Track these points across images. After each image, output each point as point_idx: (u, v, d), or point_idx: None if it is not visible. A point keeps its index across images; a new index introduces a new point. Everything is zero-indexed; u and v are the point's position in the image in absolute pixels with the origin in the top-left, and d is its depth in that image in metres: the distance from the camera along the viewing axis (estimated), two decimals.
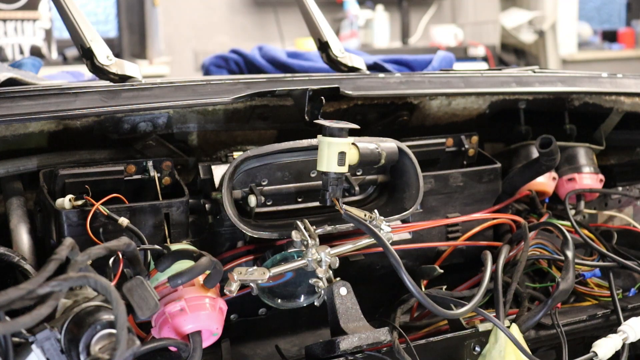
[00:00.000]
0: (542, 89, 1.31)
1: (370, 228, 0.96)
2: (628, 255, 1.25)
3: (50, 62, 3.90)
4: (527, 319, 1.05)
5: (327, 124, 0.92)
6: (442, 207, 1.18)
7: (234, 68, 2.18)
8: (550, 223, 1.18)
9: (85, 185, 0.96)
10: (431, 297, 0.96)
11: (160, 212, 0.97)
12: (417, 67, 1.89)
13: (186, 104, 1.04)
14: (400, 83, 1.20)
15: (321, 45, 1.41)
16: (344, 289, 0.96)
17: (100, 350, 0.74)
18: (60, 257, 0.71)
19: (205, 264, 0.85)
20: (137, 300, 0.77)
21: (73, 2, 1.17)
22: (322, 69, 1.82)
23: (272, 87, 1.08)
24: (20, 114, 0.93)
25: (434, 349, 1.01)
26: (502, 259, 1.10)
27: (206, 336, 0.87)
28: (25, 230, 0.96)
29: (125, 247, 0.81)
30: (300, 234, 0.96)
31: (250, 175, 1.03)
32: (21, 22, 3.90)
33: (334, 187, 0.95)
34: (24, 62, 1.66)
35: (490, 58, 4.88)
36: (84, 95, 0.98)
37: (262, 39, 4.70)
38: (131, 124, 1.04)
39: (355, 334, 0.91)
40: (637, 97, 1.40)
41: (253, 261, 1.02)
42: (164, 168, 1.02)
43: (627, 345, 1.06)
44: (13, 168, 0.98)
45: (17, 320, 0.65)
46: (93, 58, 1.13)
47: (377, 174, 1.11)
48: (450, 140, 1.21)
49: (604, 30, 6.59)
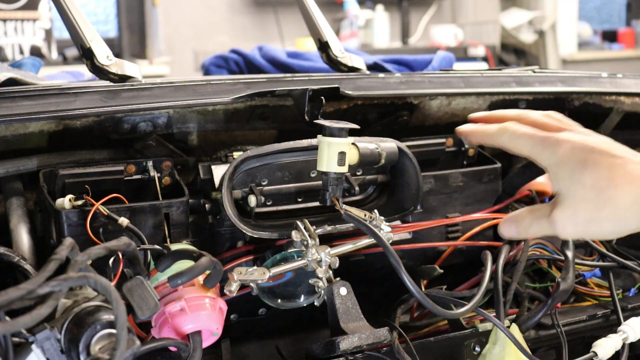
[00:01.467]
0: (542, 89, 1.31)
1: (370, 228, 0.96)
2: (628, 255, 1.25)
3: (50, 62, 3.91)
4: (527, 319, 1.05)
5: (327, 124, 0.92)
6: (442, 207, 1.18)
7: (234, 68, 2.18)
8: None
9: (85, 185, 0.95)
10: (431, 297, 0.96)
11: (160, 212, 0.97)
12: (417, 67, 1.89)
13: (186, 104, 1.04)
14: (400, 83, 1.20)
15: (321, 45, 1.41)
16: (344, 289, 0.96)
17: (100, 350, 0.74)
18: (60, 257, 0.71)
19: (205, 264, 0.85)
20: (137, 300, 0.77)
21: (73, 2, 1.17)
22: (322, 69, 1.82)
23: (272, 87, 1.08)
24: (20, 114, 0.93)
25: (434, 349, 1.01)
26: (502, 259, 1.10)
27: (206, 336, 0.87)
28: (25, 230, 0.96)
29: (125, 247, 0.81)
30: (300, 234, 0.96)
31: (250, 175, 1.03)
32: (21, 22, 3.90)
33: (334, 187, 0.95)
34: (24, 62, 1.66)
35: (490, 58, 4.88)
36: (84, 95, 0.98)
37: (262, 39, 4.70)
38: (131, 124, 1.04)
39: (355, 334, 0.91)
40: (637, 97, 1.40)
41: (253, 261, 1.02)
42: (164, 168, 1.02)
43: (627, 345, 1.06)
44: (13, 168, 0.98)
45: (17, 320, 0.65)
46: (93, 58, 1.13)
47: (377, 174, 1.11)
48: (450, 140, 1.21)
49: (604, 30, 6.59)
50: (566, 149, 0.79)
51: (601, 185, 0.77)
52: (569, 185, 0.79)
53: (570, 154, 0.79)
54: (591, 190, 0.77)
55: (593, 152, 0.79)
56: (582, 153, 0.79)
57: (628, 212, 0.77)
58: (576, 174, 0.78)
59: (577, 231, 0.80)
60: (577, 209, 0.79)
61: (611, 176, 0.77)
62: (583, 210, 0.78)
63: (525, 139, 0.83)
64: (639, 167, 0.78)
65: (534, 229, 0.84)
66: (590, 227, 0.79)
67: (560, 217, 0.80)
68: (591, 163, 0.78)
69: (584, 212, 0.78)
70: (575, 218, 0.79)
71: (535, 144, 0.82)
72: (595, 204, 0.77)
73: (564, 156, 0.79)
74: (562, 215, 0.80)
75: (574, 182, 0.78)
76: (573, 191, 0.79)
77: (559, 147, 0.80)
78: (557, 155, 0.80)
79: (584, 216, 0.78)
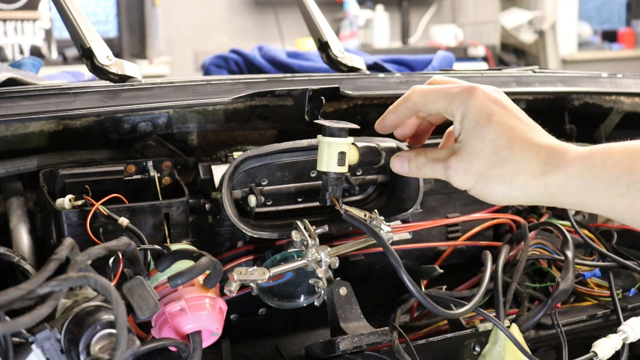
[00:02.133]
0: (542, 89, 1.31)
1: (370, 228, 0.96)
2: (628, 255, 1.24)
3: (50, 62, 3.91)
4: (527, 319, 1.05)
5: (327, 124, 0.92)
6: (442, 207, 1.18)
7: (234, 68, 2.18)
8: (550, 223, 1.18)
9: (85, 186, 0.95)
10: (431, 297, 0.96)
11: (160, 212, 0.97)
12: (417, 67, 1.89)
13: (186, 104, 1.04)
14: (400, 83, 1.21)
15: (321, 45, 1.41)
16: (344, 289, 0.96)
17: (100, 350, 0.74)
18: (60, 257, 0.71)
19: (205, 264, 0.85)
20: (137, 300, 0.77)
21: (73, 2, 1.17)
22: (322, 69, 1.82)
23: (272, 87, 1.08)
24: (20, 114, 0.93)
25: (434, 349, 1.01)
26: (502, 259, 1.10)
27: (206, 336, 0.87)
28: (25, 230, 0.96)
29: (125, 247, 0.81)
30: (300, 234, 0.96)
31: (250, 175, 1.03)
32: (21, 22, 3.90)
33: (334, 187, 0.95)
34: (24, 62, 1.66)
35: (490, 58, 4.88)
36: (84, 95, 0.98)
37: (262, 39, 4.71)
38: (131, 124, 1.04)
39: (355, 334, 0.91)
40: (637, 97, 1.40)
41: (253, 261, 1.02)
42: (164, 168, 1.02)
43: (627, 345, 1.06)
44: (13, 168, 0.98)
45: (17, 320, 0.65)
46: (93, 58, 1.13)
47: (377, 174, 1.11)
48: None
49: (604, 30, 6.59)
50: (478, 100, 0.80)
51: (500, 143, 0.79)
52: (470, 135, 0.80)
53: (480, 105, 0.80)
54: (489, 146, 0.79)
55: (502, 108, 0.80)
56: (492, 107, 0.80)
57: (515, 177, 0.78)
58: (480, 126, 0.80)
59: (466, 182, 0.82)
60: (471, 161, 0.80)
61: (511, 137, 0.79)
62: (477, 163, 0.80)
63: (436, 93, 0.84)
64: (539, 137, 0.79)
65: (427, 170, 0.86)
66: (479, 182, 0.80)
67: (454, 165, 0.82)
68: (496, 120, 0.79)
69: (477, 165, 0.80)
70: (468, 169, 0.81)
71: (446, 94, 0.83)
72: (490, 161, 0.79)
73: (474, 106, 0.80)
74: (457, 164, 0.81)
75: (476, 134, 0.80)
76: (473, 142, 0.80)
77: (472, 97, 0.81)
78: (467, 103, 0.81)
79: (476, 169, 0.80)
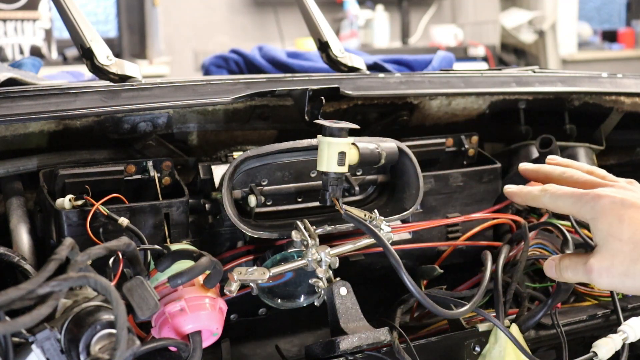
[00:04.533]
0: (542, 89, 1.31)
1: (370, 228, 0.96)
2: None
3: (50, 62, 3.91)
4: (527, 319, 1.05)
5: (327, 124, 0.92)
6: (442, 207, 1.18)
7: (234, 68, 2.18)
8: (550, 223, 1.17)
9: (85, 186, 0.95)
10: (431, 297, 0.96)
11: (160, 212, 0.97)
12: (417, 67, 1.89)
13: (186, 104, 1.04)
14: (400, 83, 1.20)
15: (321, 45, 1.41)
16: (344, 289, 0.96)
17: (100, 350, 0.74)
18: (60, 257, 0.71)
19: (205, 264, 0.85)
20: (137, 300, 0.77)
21: (73, 2, 1.17)
22: (322, 69, 1.82)
23: (272, 87, 1.08)
24: (20, 114, 0.93)
25: (434, 349, 1.01)
26: (502, 259, 1.10)
27: (206, 336, 0.87)
28: (25, 230, 0.96)
29: (125, 247, 0.81)
30: (300, 234, 0.96)
31: (250, 175, 1.03)
32: (21, 22, 3.90)
33: (334, 187, 0.95)
34: (24, 62, 1.66)
35: (490, 58, 4.88)
36: (84, 95, 0.98)
37: (262, 39, 4.70)
38: (131, 124, 1.04)
39: (355, 334, 0.91)
40: (637, 97, 1.40)
41: (253, 261, 1.02)
42: (164, 168, 1.02)
43: (627, 345, 1.06)
44: (13, 168, 0.98)
45: (17, 320, 0.65)
46: (93, 58, 1.13)
47: (377, 174, 1.11)
48: (450, 140, 1.21)
49: (604, 30, 6.59)
50: (604, 204, 0.85)
51: (637, 239, 0.82)
52: (606, 238, 0.84)
53: (609, 208, 0.84)
54: (627, 244, 0.83)
55: (631, 207, 0.84)
56: (621, 208, 0.84)
57: None
58: (614, 227, 0.84)
59: (612, 282, 0.85)
60: (613, 261, 0.84)
61: None
62: (619, 263, 0.84)
63: (565, 198, 0.89)
64: None
65: (569, 274, 0.90)
66: (625, 280, 0.84)
67: (597, 267, 0.85)
68: (628, 218, 0.83)
69: (620, 264, 0.84)
70: (612, 269, 0.84)
71: (575, 201, 0.87)
72: (631, 258, 0.83)
73: (602, 210, 0.85)
74: (599, 265, 0.85)
75: (611, 235, 0.84)
76: (610, 243, 0.84)
77: (597, 202, 0.85)
78: (595, 209, 0.85)
79: (620, 268, 0.84)
